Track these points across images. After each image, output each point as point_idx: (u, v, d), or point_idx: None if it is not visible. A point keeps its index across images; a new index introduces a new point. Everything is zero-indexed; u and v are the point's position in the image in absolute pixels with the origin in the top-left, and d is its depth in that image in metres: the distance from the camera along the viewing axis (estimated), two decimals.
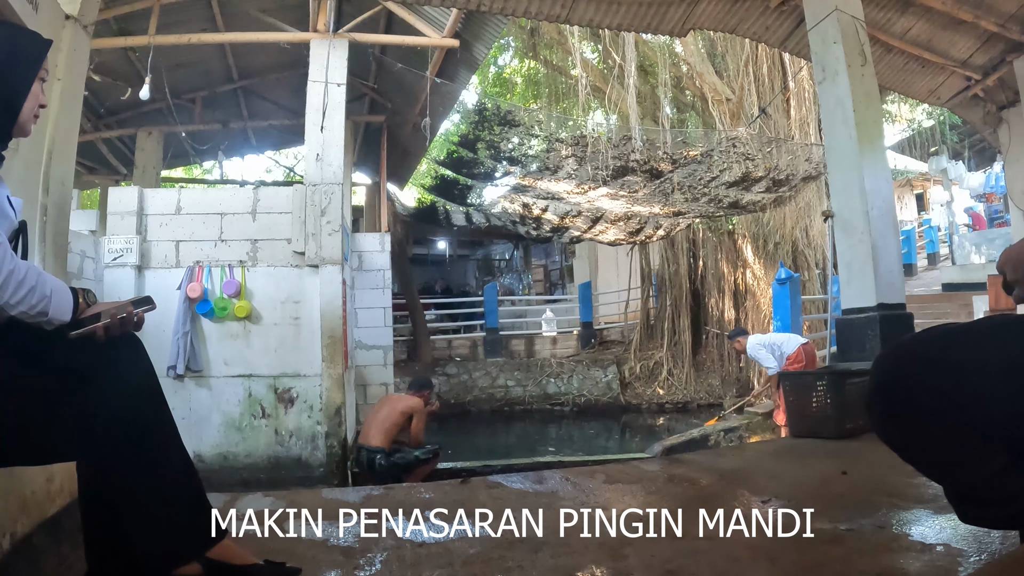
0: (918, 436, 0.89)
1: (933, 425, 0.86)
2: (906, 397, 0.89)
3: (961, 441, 0.84)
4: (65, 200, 2.21)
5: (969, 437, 0.84)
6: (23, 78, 1.20)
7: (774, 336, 6.53)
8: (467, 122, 8.12)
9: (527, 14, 5.15)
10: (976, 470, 0.84)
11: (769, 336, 6.57)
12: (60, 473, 1.59)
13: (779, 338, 6.38)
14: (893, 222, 4.01)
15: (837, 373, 3.26)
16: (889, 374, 0.93)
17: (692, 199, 8.14)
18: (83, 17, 2.25)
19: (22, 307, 1.11)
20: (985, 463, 0.83)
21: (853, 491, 2.03)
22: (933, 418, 0.86)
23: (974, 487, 0.85)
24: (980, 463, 0.83)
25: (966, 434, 0.84)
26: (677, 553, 1.52)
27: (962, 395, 0.83)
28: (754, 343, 6.53)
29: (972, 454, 0.84)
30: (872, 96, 4.10)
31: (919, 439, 0.89)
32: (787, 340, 6.22)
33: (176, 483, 1.27)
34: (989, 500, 0.85)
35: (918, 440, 0.90)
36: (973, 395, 0.83)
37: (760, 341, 6.48)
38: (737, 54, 9.95)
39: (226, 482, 5.04)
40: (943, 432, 0.86)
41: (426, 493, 2.31)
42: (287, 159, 16.63)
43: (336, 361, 5.52)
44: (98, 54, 6.27)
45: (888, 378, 0.93)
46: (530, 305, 16.43)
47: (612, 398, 11.45)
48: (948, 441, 0.86)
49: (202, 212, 5.65)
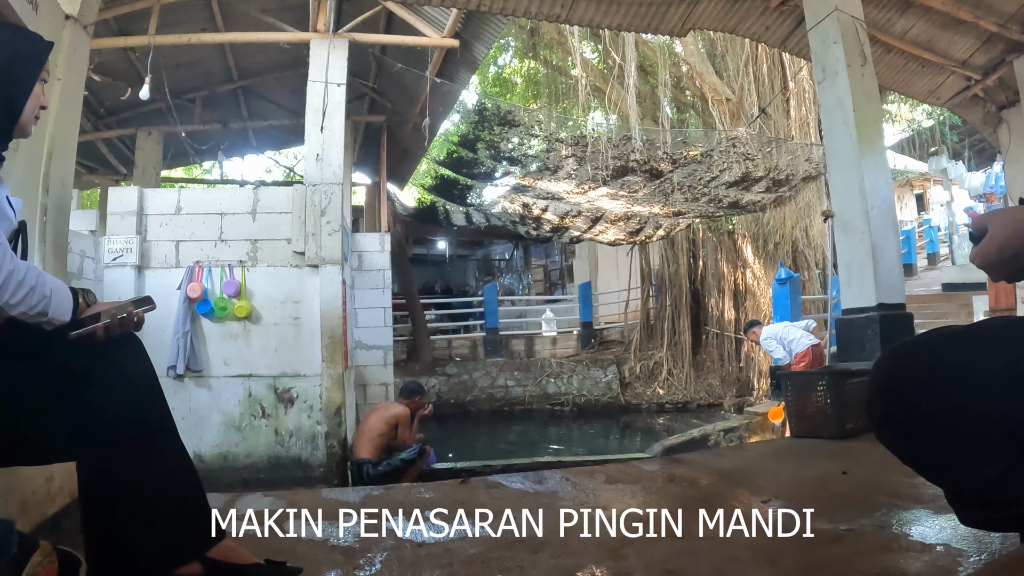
0: (918, 439, 0.89)
1: (933, 428, 0.86)
2: (906, 400, 0.89)
3: (961, 444, 0.84)
4: (65, 200, 2.21)
5: (969, 440, 0.83)
6: (24, 79, 1.21)
7: (787, 329, 6.50)
8: (467, 122, 8.13)
9: (527, 14, 5.15)
10: (976, 473, 0.83)
11: (781, 328, 6.57)
12: (60, 473, 1.59)
13: (791, 332, 6.36)
14: (893, 222, 4.01)
15: (837, 373, 3.26)
16: (889, 376, 0.93)
17: (692, 199, 8.15)
18: (83, 17, 2.25)
19: (22, 307, 1.11)
20: (985, 466, 0.82)
21: (853, 491, 2.03)
22: (933, 421, 0.86)
23: (974, 490, 0.85)
24: (980, 466, 0.83)
25: (966, 437, 0.84)
26: (677, 553, 1.52)
27: (962, 397, 0.83)
28: (766, 335, 6.57)
29: (972, 457, 0.84)
30: (872, 96, 4.10)
31: (919, 442, 0.89)
32: (800, 337, 6.22)
33: (176, 483, 1.27)
34: (989, 503, 0.84)
35: (918, 443, 0.90)
36: (973, 398, 0.83)
37: (771, 333, 6.52)
38: (737, 54, 9.95)
39: (226, 482, 5.05)
40: (943, 435, 0.86)
41: (426, 493, 2.31)
42: (287, 159, 16.65)
43: (336, 361, 5.52)
44: (98, 54, 6.27)
45: (888, 381, 0.93)
46: (530, 305, 16.44)
47: (612, 398, 11.45)
48: (948, 444, 0.86)
49: (202, 212, 5.65)
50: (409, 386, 5.76)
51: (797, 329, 6.47)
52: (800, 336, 6.25)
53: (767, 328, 6.73)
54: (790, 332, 6.40)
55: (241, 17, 6.81)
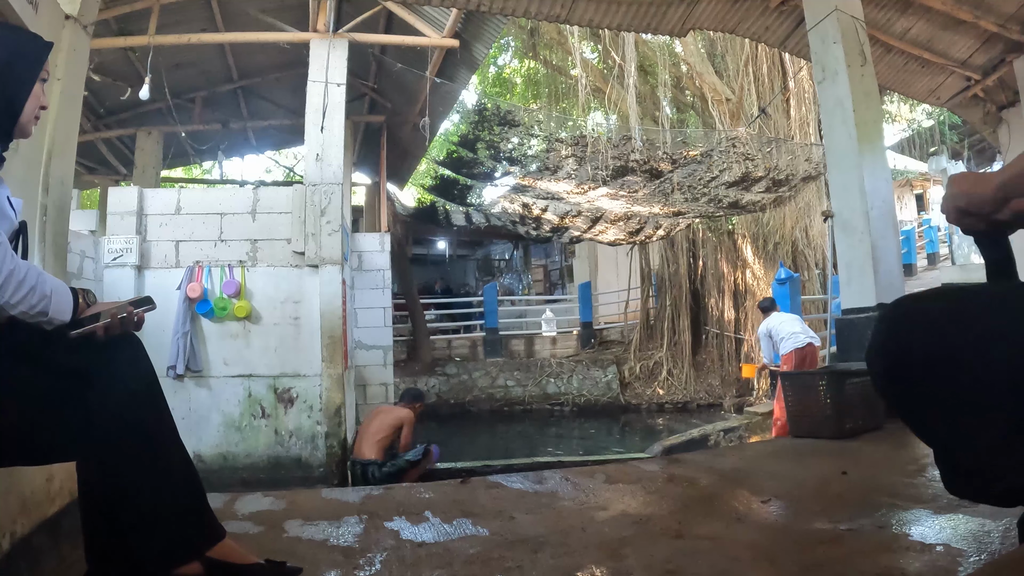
0: (919, 392, 0.86)
1: (935, 382, 0.84)
2: (910, 350, 0.86)
3: (962, 402, 0.81)
4: (65, 200, 2.21)
5: (970, 399, 0.81)
6: (24, 79, 1.20)
7: (783, 324, 6.15)
8: (467, 122, 8.12)
9: (527, 14, 5.16)
10: (972, 436, 0.81)
11: (777, 323, 6.21)
12: (60, 473, 1.59)
13: (785, 328, 6.05)
14: (893, 222, 4.01)
15: (837, 373, 3.26)
16: (895, 325, 0.90)
17: (692, 199, 8.15)
18: (83, 17, 2.25)
19: (22, 307, 1.11)
20: (983, 430, 0.80)
21: (853, 491, 2.03)
22: (936, 374, 0.83)
23: (967, 455, 0.83)
24: (978, 429, 0.80)
25: (968, 396, 0.81)
26: (677, 553, 1.52)
27: (967, 356, 0.81)
28: (764, 327, 6.29)
29: (971, 419, 0.81)
30: (872, 96, 4.10)
31: (920, 396, 0.86)
32: (788, 337, 5.95)
33: (176, 483, 1.26)
34: (979, 471, 0.82)
35: (919, 397, 0.87)
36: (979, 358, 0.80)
37: (767, 327, 6.26)
38: (737, 54, 9.96)
39: (226, 482, 5.05)
40: (944, 391, 0.83)
41: (426, 493, 2.31)
42: (287, 159, 16.65)
43: (336, 361, 5.52)
44: (98, 54, 6.27)
45: (894, 329, 0.90)
46: (530, 305, 16.43)
47: (612, 398, 11.45)
48: (948, 401, 0.83)
49: (202, 212, 5.65)
50: (411, 392, 5.91)
51: (796, 323, 6.14)
52: (791, 335, 5.95)
53: (770, 318, 6.33)
54: (784, 328, 6.07)
55: (241, 17, 6.81)
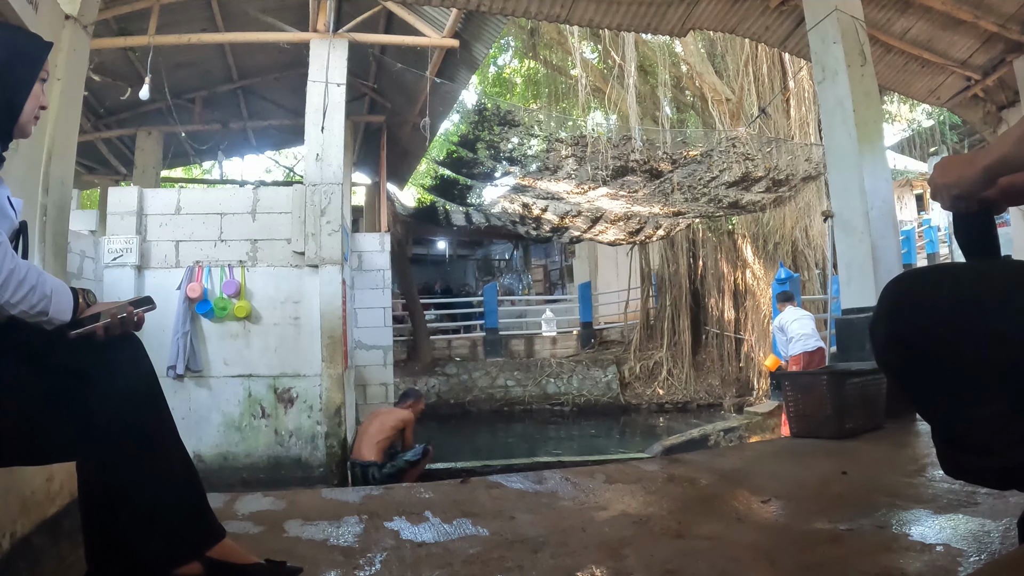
0: (919, 364, 0.86)
1: (934, 357, 0.84)
2: (912, 320, 0.86)
3: (960, 376, 0.82)
4: (65, 200, 2.21)
5: (969, 373, 0.81)
6: (24, 79, 1.20)
7: (795, 323, 6.11)
8: (467, 122, 8.12)
9: (527, 14, 5.16)
10: (970, 411, 0.81)
11: (791, 320, 6.16)
12: (60, 473, 1.59)
13: (796, 330, 6.03)
14: (893, 222, 4.01)
15: (837, 373, 3.25)
16: (898, 296, 0.90)
17: (692, 199, 8.15)
18: (83, 17, 2.25)
19: (22, 306, 1.11)
20: (981, 405, 0.80)
21: (853, 491, 2.03)
22: (935, 350, 0.83)
23: (965, 429, 0.83)
24: (976, 404, 0.80)
25: (966, 370, 0.81)
26: (677, 553, 1.52)
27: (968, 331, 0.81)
28: (778, 322, 6.21)
29: (969, 393, 0.81)
30: (872, 96, 4.10)
31: (919, 368, 0.86)
32: (799, 339, 5.96)
33: (176, 483, 1.26)
34: (974, 447, 0.82)
35: (918, 369, 0.87)
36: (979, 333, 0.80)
37: (780, 322, 6.20)
38: (737, 54, 9.96)
39: (226, 482, 5.05)
40: (943, 366, 0.83)
41: (426, 493, 2.31)
42: (287, 159, 16.64)
43: (336, 361, 5.52)
44: (98, 54, 6.27)
45: (897, 300, 0.90)
46: (530, 305, 16.43)
47: (612, 398, 11.46)
48: (947, 374, 0.83)
49: (202, 212, 5.65)
50: (408, 392, 5.96)
51: (809, 324, 6.10)
52: (803, 336, 5.97)
53: (785, 313, 6.24)
54: (796, 327, 6.06)
55: (241, 17, 6.81)
